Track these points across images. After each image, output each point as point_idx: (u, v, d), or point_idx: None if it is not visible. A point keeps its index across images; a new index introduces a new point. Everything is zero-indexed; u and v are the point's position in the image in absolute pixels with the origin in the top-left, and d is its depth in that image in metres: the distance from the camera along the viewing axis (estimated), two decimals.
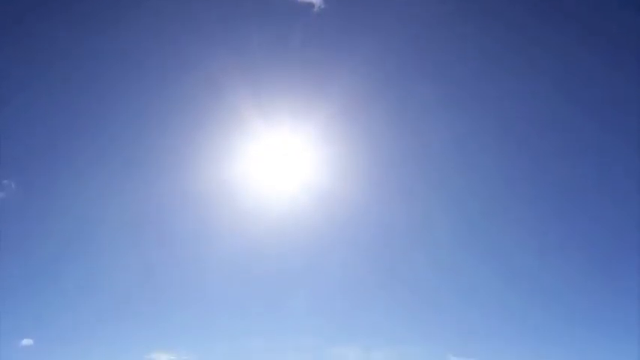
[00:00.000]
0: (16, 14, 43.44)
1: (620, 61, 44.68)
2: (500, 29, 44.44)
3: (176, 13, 43.80)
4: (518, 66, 45.28)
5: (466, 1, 43.65)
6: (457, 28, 43.71)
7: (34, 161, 51.76)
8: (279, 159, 47.97)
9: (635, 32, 42.22)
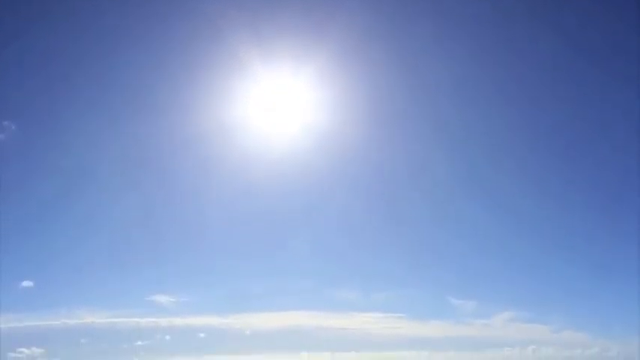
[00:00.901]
0: None
1: (619, 6, 44.95)
2: None
3: None
4: (520, 12, 45.45)
5: None
6: None
7: (34, 103, 52.18)
8: (279, 101, 48.21)
9: None
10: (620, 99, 50.16)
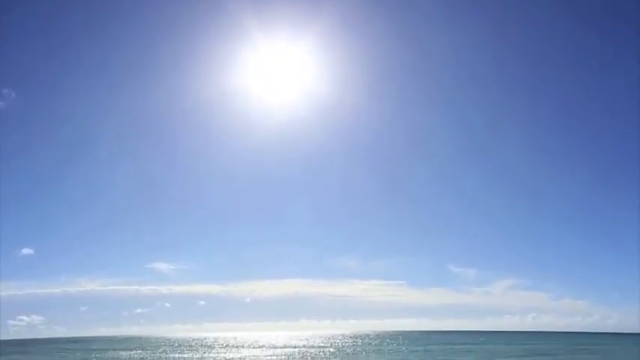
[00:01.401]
0: None
1: None
2: None
3: None
4: None
5: None
6: None
7: (34, 70, 51.26)
8: (279, 69, 47.75)
9: None
10: (620, 65, 49.67)
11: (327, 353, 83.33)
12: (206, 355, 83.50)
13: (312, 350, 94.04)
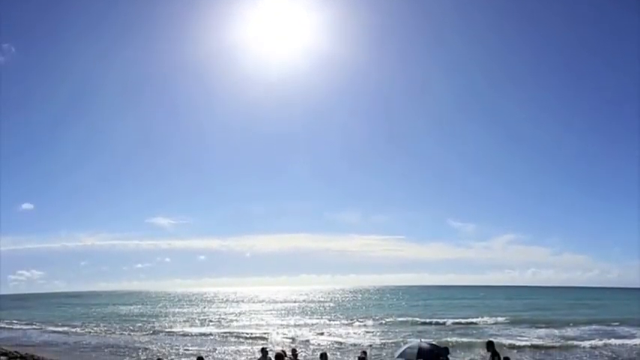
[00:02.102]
0: None
1: None
2: None
3: None
4: None
5: None
6: None
7: (34, 25, 50.07)
8: (280, 22, 46.37)
9: None
10: (620, 19, 48.70)
11: (327, 308, 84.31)
12: (206, 309, 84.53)
13: (312, 305, 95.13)
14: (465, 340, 33.95)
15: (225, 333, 42.09)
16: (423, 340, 15.09)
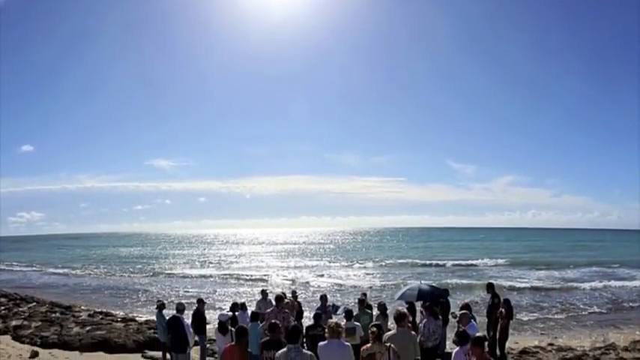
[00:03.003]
0: None
1: None
2: None
3: None
4: None
5: None
6: None
7: None
8: None
9: None
10: None
11: (327, 250, 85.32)
12: (206, 251, 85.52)
13: (312, 247, 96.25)
14: (464, 281, 34.33)
15: (225, 275, 42.57)
16: (422, 281, 15.10)
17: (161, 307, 12.70)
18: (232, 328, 9.93)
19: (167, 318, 11.70)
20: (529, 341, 16.07)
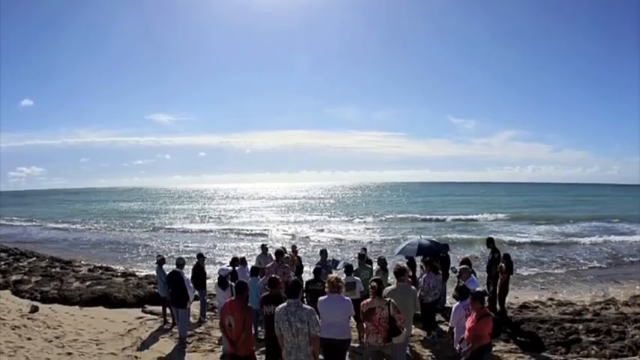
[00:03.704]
0: None
1: None
2: None
3: None
4: None
5: None
6: None
7: None
8: None
9: None
10: None
11: (327, 205, 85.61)
12: (206, 206, 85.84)
13: (312, 202, 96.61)
14: (464, 236, 34.47)
15: (225, 230, 42.77)
16: (422, 236, 15.06)
17: (161, 261, 12.69)
18: (232, 283, 9.93)
19: (167, 273, 11.69)
20: (529, 296, 16.17)
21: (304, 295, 10.02)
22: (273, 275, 8.20)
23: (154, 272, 15.52)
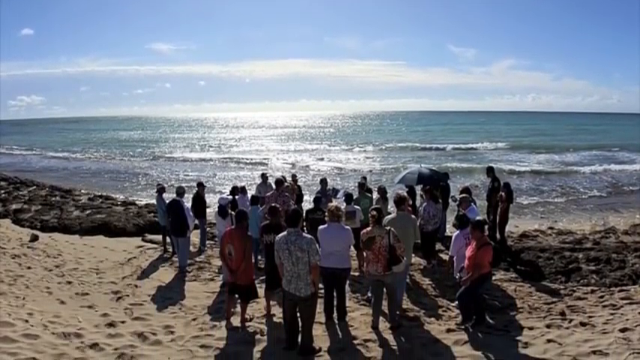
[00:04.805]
0: None
1: None
2: None
3: None
4: None
5: None
6: None
7: None
8: None
9: None
10: None
11: (327, 134, 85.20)
12: (206, 135, 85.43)
13: (312, 131, 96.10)
14: (464, 165, 34.36)
15: (225, 159, 42.60)
16: (422, 165, 14.84)
17: (161, 190, 12.51)
18: (232, 212, 9.78)
19: (167, 201, 11.53)
20: (529, 225, 16.11)
21: (304, 224, 9.88)
22: (273, 204, 8.05)
23: (153, 201, 15.39)
